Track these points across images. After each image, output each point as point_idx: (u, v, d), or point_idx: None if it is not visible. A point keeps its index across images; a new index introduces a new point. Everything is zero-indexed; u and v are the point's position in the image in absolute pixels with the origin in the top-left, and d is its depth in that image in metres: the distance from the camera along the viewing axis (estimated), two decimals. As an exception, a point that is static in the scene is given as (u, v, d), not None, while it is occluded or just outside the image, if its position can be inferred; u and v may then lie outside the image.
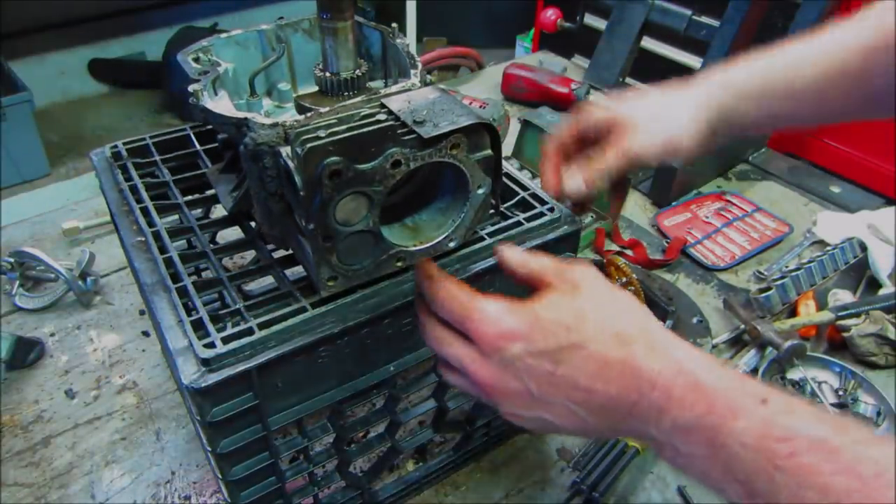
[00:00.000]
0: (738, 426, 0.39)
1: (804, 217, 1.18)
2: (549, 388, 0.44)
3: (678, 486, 0.75)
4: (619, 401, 0.43)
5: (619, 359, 0.43)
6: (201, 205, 0.68)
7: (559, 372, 0.43)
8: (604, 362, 0.43)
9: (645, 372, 0.42)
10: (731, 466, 0.39)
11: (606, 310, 0.45)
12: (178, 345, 0.49)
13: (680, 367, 0.42)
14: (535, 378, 0.44)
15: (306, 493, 0.63)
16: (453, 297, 0.47)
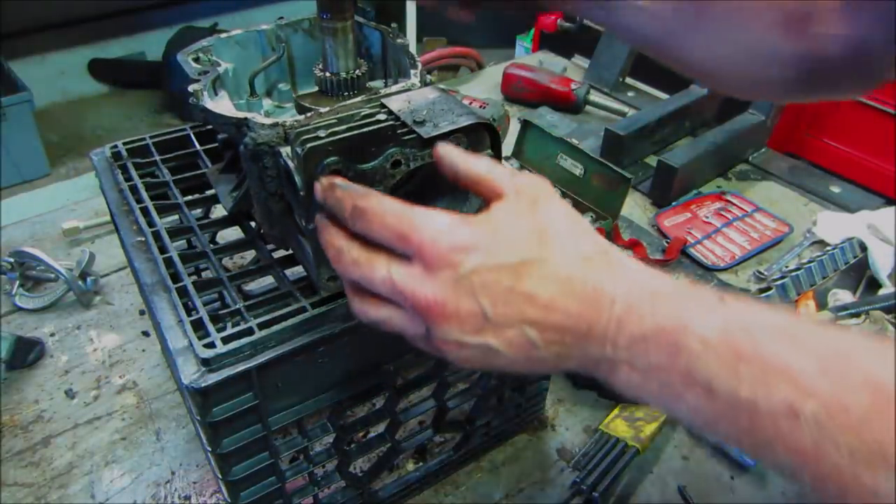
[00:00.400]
0: (698, 325, 0.38)
1: (804, 217, 1.18)
2: (506, 306, 0.40)
3: (678, 485, 0.75)
4: (578, 319, 0.40)
5: (581, 276, 0.41)
6: (201, 205, 0.68)
7: (519, 287, 0.40)
8: (567, 279, 0.41)
9: (604, 289, 0.41)
10: (692, 369, 0.37)
11: (567, 227, 0.43)
12: (178, 345, 0.49)
13: (639, 283, 0.41)
14: (492, 295, 0.40)
15: (306, 493, 0.63)
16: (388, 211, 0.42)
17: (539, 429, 0.82)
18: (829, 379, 0.34)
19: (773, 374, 0.35)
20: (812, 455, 0.34)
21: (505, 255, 0.41)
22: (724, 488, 0.75)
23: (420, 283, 0.41)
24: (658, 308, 0.40)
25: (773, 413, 0.35)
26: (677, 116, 1.34)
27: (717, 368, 0.37)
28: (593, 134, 1.33)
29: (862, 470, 0.33)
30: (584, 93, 1.45)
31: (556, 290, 0.40)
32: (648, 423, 0.78)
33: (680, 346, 0.38)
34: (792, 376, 0.35)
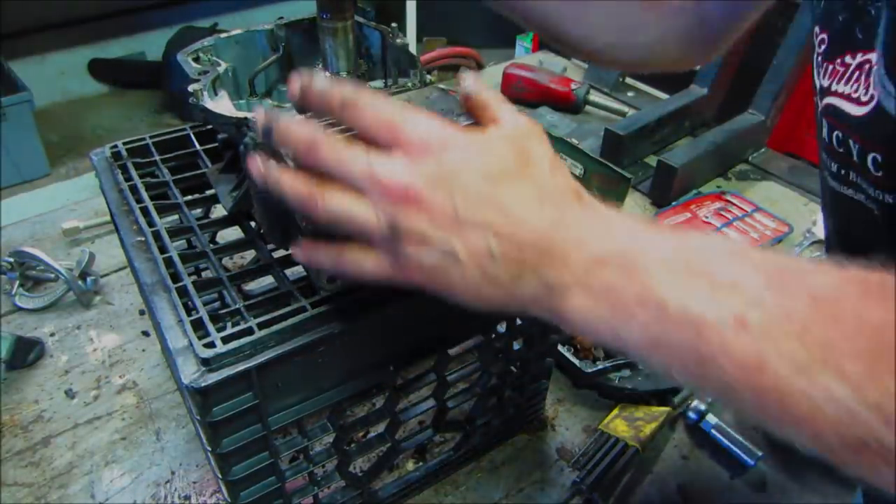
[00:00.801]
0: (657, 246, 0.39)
1: (804, 217, 1.18)
2: (477, 209, 0.40)
3: (678, 485, 0.75)
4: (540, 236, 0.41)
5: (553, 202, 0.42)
6: (201, 205, 0.68)
7: (494, 195, 0.41)
8: (539, 200, 0.41)
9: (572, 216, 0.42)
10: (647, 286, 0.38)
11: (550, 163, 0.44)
12: (178, 344, 0.49)
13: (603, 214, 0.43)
14: (466, 194, 0.40)
15: (306, 493, 0.63)
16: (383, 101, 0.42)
17: (539, 429, 0.82)
18: (775, 290, 0.35)
19: (722, 288, 0.36)
20: (755, 367, 0.34)
21: (489, 163, 0.42)
22: (724, 488, 0.76)
23: (399, 169, 0.41)
24: (620, 233, 0.41)
25: (720, 326, 0.35)
26: (677, 116, 1.34)
27: (671, 284, 0.38)
28: (593, 134, 1.33)
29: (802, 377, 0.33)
30: (584, 93, 1.45)
31: (528, 207, 0.41)
32: (648, 423, 0.79)
33: (638, 265, 0.39)
34: (740, 289, 0.36)
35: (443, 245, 0.41)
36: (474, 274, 0.41)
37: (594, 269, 0.40)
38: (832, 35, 0.50)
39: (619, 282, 0.39)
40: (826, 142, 0.52)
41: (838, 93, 0.48)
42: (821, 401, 0.33)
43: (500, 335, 0.67)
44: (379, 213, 0.41)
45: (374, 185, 0.41)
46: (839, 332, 0.33)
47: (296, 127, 0.43)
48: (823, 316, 0.34)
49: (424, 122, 0.42)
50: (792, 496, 0.75)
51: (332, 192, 0.42)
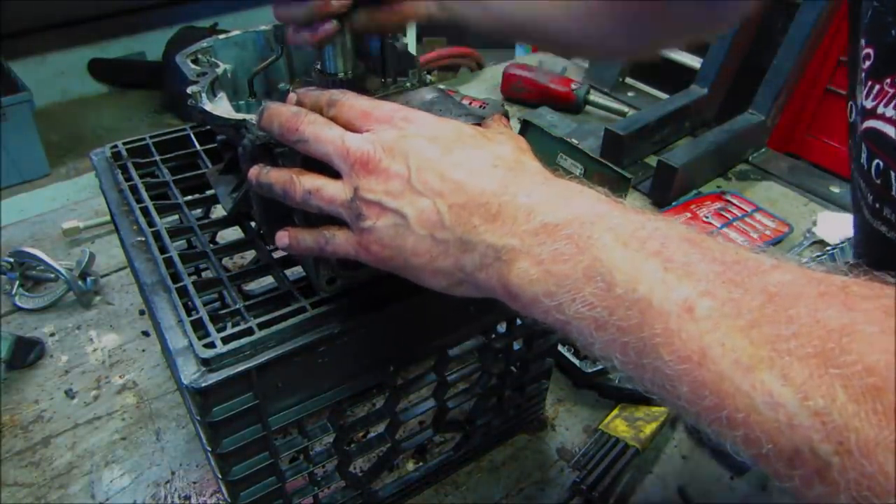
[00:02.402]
0: (612, 221, 0.38)
1: (804, 217, 1.18)
2: (429, 174, 0.42)
3: (678, 485, 0.75)
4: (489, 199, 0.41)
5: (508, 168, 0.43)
6: (201, 205, 0.68)
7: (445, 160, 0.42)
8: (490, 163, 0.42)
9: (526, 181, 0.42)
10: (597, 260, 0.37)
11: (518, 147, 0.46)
12: (178, 345, 0.49)
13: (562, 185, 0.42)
14: (419, 160, 0.42)
15: (306, 493, 0.63)
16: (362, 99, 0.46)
17: (539, 429, 0.82)
18: (729, 282, 0.34)
19: (674, 273, 0.35)
20: (696, 359, 0.33)
21: (441, 133, 0.44)
22: (724, 488, 0.76)
23: (363, 139, 0.44)
24: (574, 201, 0.40)
25: (666, 311, 0.34)
26: (677, 116, 1.34)
27: (622, 262, 0.36)
28: (593, 134, 1.33)
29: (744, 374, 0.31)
30: (584, 93, 1.45)
31: (477, 171, 0.42)
32: (648, 423, 0.79)
33: (589, 237, 0.37)
34: (692, 276, 0.34)
35: (395, 209, 0.42)
36: (425, 242, 0.42)
37: (543, 236, 0.39)
38: (881, 51, 0.46)
39: (567, 251, 0.38)
40: (864, 169, 0.48)
41: (884, 116, 0.45)
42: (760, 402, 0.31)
43: (500, 335, 0.67)
44: (345, 185, 0.44)
45: (341, 152, 0.44)
46: (790, 332, 0.31)
47: (281, 108, 0.47)
48: (776, 313, 0.32)
49: (392, 105, 0.46)
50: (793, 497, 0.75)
51: (306, 173, 0.46)
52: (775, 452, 0.31)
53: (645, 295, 0.35)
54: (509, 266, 0.40)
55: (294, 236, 0.49)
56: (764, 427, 0.30)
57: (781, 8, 1.35)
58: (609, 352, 0.37)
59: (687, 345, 0.33)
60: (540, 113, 1.43)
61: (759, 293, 0.33)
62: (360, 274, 0.53)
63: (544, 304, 0.38)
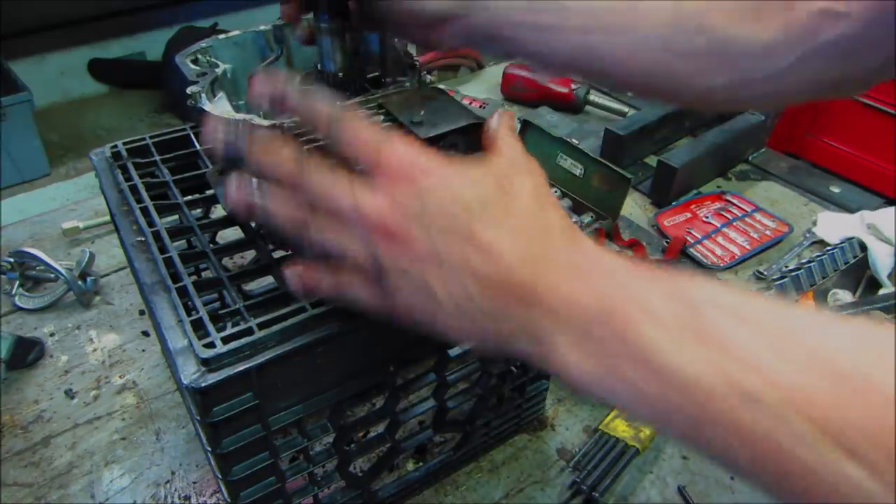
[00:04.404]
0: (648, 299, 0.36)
1: (804, 217, 1.18)
2: (453, 243, 0.39)
3: (678, 485, 0.75)
4: (520, 276, 0.38)
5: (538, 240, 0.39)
6: (201, 205, 0.68)
7: (470, 226, 0.39)
8: (517, 233, 0.39)
9: (559, 258, 0.39)
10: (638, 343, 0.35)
11: (535, 197, 0.42)
12: (178, 345, 0.49)
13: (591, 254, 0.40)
14: (442, 225, 0.39)
15: (306, 493, 0.63)
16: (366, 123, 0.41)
17: (539, 429, 0.82)
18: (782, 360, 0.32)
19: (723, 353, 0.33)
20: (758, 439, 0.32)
21: (468, 196, 0.40)
22: (724, 488, 0.76)
23: (380, 202, 0.40)
24: (608, 279, 0.38)
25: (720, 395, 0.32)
26: (677, 116, 1.34)
27: (669, 345, 0.34)
28: (593, 134, 1.33)
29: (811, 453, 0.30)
30: (584, 93, 1.45)
31: (504, 240, 0.39)
32: (648, 423, 0.79)
33: (626, 320, 0.36)
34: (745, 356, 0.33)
35: (421, 283, 0.40)
36: (454, 312, 0.40)
37: (579, 320, 0.37)
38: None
39: (606, 336, 0.36)
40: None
41: None
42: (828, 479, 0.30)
43: (499, 335, 0.67)
44: (364, 247, 0.41)
45: (358, 219, 0.40)
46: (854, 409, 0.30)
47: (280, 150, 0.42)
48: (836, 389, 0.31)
49: (406, 149, 0.41)
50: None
51: (321, 223, 0.42)
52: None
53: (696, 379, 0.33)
54: (547, 348, 0.39)
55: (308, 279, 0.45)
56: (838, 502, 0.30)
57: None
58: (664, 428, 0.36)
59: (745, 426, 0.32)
60: (540, 113, 1.43)
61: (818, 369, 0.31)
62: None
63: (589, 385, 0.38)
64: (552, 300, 0.38)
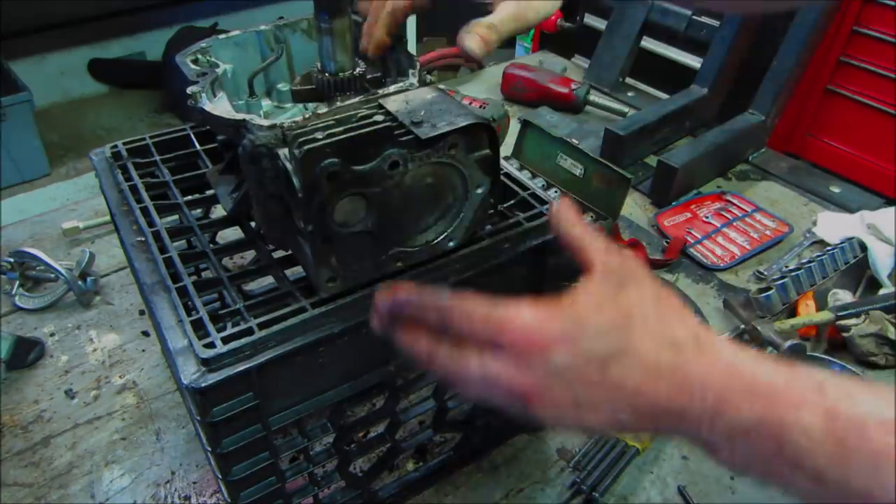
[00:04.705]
0: (801, 419, 0.38)
1: (804, 217, 1.18)
2: (596, 395, 0.42)
3: (678, 485, 0.75)
4: (669, 406, 0.41)
5: (668, 363, 0.41)
6: (201, 205, 0.68)
7: (607, 379, 0.42)
8: (654, 368, 0.41)
9: (696, 376, 0.41)
10: (798, 460, 0.38)
11: (654, 311, 0.43)
12: (178, 345, 0.49)
13: (732, 369, 0.41)
14: (583, 384, 0.42)
15: (306, 493, 0.63)
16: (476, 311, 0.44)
17: (539, 429, 0.82)
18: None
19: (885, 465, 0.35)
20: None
21: (591, 347, 0.42)
22: (724, 488, 0.76)
23: (514, 373, 0.43)
24: (756, 400, 0.40)
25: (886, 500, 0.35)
26: (677, 116, 1.34)
27: (825, 460, 0.37)
28: (593, 134, 1.33)
29: None
30: (584, 93, 1.44)
31: (643, 378, 0.41)
32: (648, 423, 0.79)
33: (784, 441, 0.38)
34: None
35: (576, 423, 0.43)
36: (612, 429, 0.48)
37: (737, 440, 0.40)
38: None
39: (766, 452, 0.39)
40: None
41: None
42: None
43: (499, 335, 0.67)
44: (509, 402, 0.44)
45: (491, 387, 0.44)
46: None
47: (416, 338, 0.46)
48: None
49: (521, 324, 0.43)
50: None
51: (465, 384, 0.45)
52: None
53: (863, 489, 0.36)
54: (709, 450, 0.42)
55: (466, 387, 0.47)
56: None
57: (781, 8, 1.34)
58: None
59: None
60: (540, 113, 1.43)
61: None
62: (360, 273, 0.53)
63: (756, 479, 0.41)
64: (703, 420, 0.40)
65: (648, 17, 1.48)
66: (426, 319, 0.46)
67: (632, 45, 1.52)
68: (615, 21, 1.55)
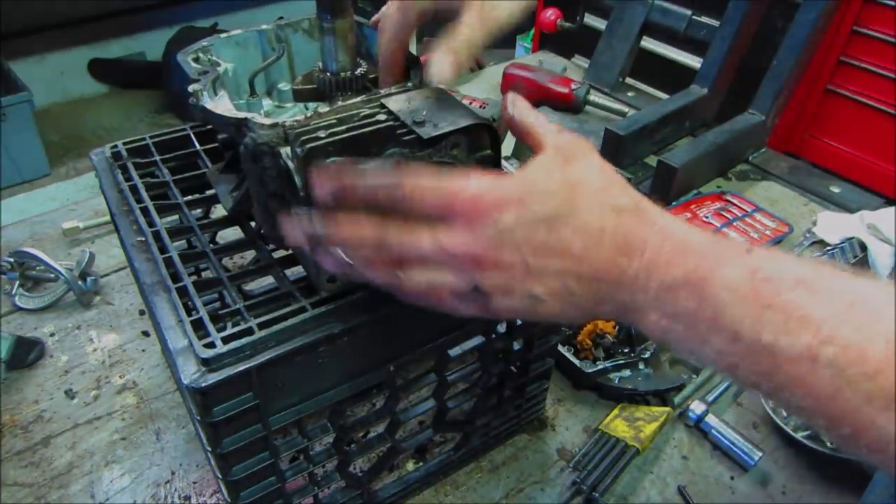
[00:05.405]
0: (725, 274, 0.40)
1: (804, 217, 1.18)
2: (544, 258, 0.43)
3: (678, 485, 0.75)
4: (610, 267, 0.43)
5: (610, 227, 0.43)
6: (201, 205, 0.68)
7: (553, 240, 0.43)
8: (597, 232, 0.43)
9: (634, 238, 0.43)
10: (718, 315, 0.39)
11: (600, 180, 0.45)
12: (178, 345, 0.49)
13: (667, 232, 0.43)
14: (531, 246, 0.43)
15: (306, 493, 0.63)
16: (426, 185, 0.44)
17: (539, 429, 0.82)
18: (849, 327, 0.36)
19: (794, 321, 0.37)
20: (829, 398, 0.36)
21: (539, 209, 0.43)
22: (724, 488, 0.76)
23: (465, 239, 0.43)
24: (687, 258, 0.42)
25: (793, 358, 0.37)
26: (677, 116, 1.34)
27: (742, 315, 0.38)
28: (593, 134, 1.33)
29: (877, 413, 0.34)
30: (584, 93, 1.44)
31: (588, 241, 0.43)
32: (648, 423, 0.79)
33: (706, 295, 0.40)
34: (812, 323, 0.36)
35: (525, 292, 0.44)
36: (557, 305, 0.45)
37: (665, 296, 0.42)
38: None
39: (690, 308, 0.41)
40: None
41: None
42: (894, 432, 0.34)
43: (500, 336, 0.67)
44: (460, 278, 0.44)
45: (447, 258, 0.44)
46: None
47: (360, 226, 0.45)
48: None
49: (470, 190, 0.43)
50: (793, 496, 0.75)
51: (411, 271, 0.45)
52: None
53: (770, 343, 0.37)
54: (640, 316, 0.44)
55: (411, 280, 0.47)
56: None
57: (781, 8, 1.35)
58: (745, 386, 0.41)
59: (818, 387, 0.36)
60: (540, 113, 1.43)
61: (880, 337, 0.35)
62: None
63: (677, 347, 0.43)
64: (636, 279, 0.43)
65: (648, 17, 1.48)
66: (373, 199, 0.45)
67: (632, 45, 1.52)
68: (615, 21, 1.54)
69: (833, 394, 0.36)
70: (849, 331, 0.36)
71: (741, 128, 1.28)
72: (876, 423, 0.35)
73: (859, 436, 0.36)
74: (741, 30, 1.33)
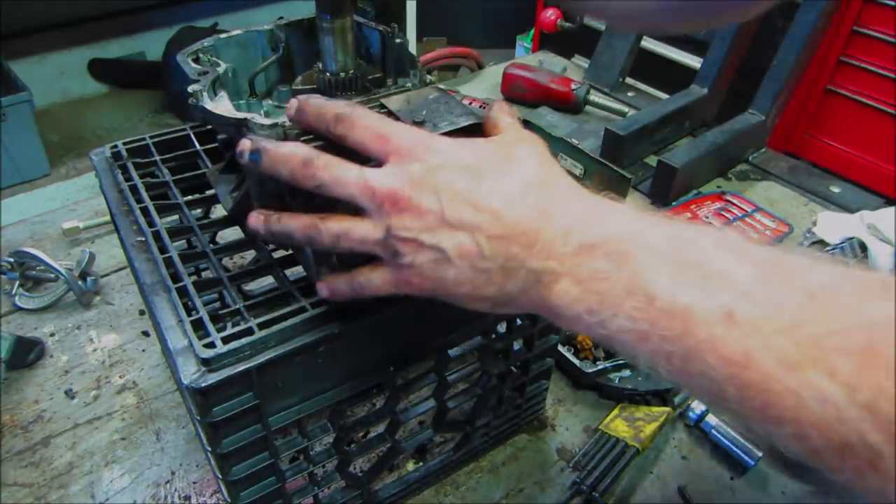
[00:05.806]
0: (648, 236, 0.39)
1: (804, 217, 1.18)
2: (461, 207, 0.42)
3: (678, 485, 0.75)
4: (525, 228, 0.41)
5: (537, 194, 0.42)
6: (201, 205, 0.68)
7: (476, 191, 0.42)
8: (521, 191, 0.42)
9: (560, 205, 0.42)
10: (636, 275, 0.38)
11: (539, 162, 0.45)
12: (178, 345, 0.49)
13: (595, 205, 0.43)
14: (451, 193, 0.42)
15: (306, 493, 0.63)
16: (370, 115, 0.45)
17: (539, 429, 0.82)
18: (767, 284, 0.35)
19: (712, 280, 0.36)
20: (741, 362, 0.34)
21: (469, 161, 0.43)
22: (724, 488, 0.76)
23: (388, 176, 0.43)
24: (609, 219, 0.41)
25: (708, 319, 0.35)
26: (677, 116, 1.34)
27: (660, 274, 0.37)
28: (593, 134, 1.33)
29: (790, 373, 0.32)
30: (584, 93, 1.44)
31: (509, 200, 0.42)
32: (648, 423, 0.79)
33: (627, 253, 0.38)
34: (730, 282, 0.35)
35: (434, 245, 0.42)
36: (467, 272, 0.42)
37: (581, 257, 0.40)
38: None
39: (606, 270, 0.39)
40: None
41: None
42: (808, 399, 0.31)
43: (500, 336, 0.67)
44: (376, 224, 0.43)
45: (366, 192, 0.43)
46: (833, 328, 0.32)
47: (289, 148, 0.45)
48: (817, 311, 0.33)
49: (411, 132, 0.44)
50: (793, 497, 0.75)
51: (330, 217, 0.45)
52: (826, 446, 0.32)
53: (686, 305, 0.36)
54: (550, 287, 0.41)
55: (331, 287, 0.49)
56: (814, 423, 0.31)
57: (781, 8, 1.35)
58: (655, 362, 0.38)
59: (731, 349, 0.34)
60: (540, 113, 1.43)
61: (797, 292, 0.34)
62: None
63: (587, 321, 0.40)
64: (553, 238, 0.41)
65: (648, 18, 1.48)
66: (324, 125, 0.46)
67: (632, 45, 1.52)
68: (615, 21, 1.54)
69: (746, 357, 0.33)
70: (767, 286, 0.34)
71: (741, 128, 1.28)
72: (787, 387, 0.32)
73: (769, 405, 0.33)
74: (741, 29, 1.33)
